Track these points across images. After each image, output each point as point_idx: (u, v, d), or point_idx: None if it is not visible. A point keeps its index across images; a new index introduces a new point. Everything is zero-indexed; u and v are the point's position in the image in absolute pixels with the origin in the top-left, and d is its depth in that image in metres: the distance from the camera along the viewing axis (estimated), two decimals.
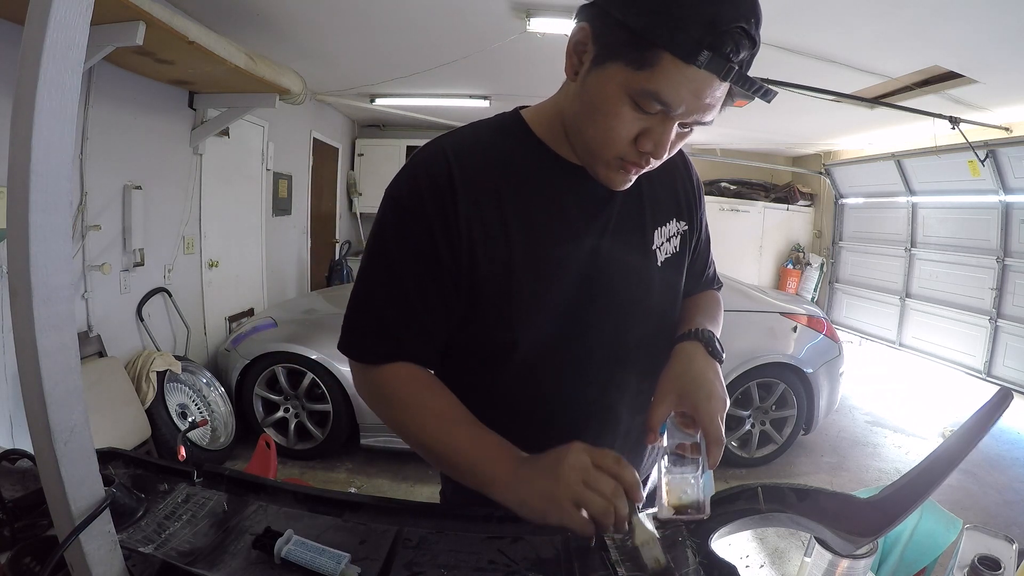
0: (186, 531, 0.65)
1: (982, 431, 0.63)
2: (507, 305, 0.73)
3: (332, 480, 3.00)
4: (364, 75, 4.37)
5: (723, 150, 7.21)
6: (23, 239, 0.44)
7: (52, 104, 0.43)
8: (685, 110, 0.61)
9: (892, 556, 1.24)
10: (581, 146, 0.71)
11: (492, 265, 0.71)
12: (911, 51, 3.20)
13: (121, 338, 2.88)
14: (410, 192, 0.72)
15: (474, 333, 0.76)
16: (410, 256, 0.72)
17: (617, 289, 0.78)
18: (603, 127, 0.65)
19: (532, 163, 0.75)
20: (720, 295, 0.99)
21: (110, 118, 2.70)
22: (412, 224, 0.71)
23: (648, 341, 0.82)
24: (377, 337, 0.74)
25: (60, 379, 0.47)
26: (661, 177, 0.83)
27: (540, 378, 0.77)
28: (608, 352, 0.78)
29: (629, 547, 0.66)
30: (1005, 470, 3.40)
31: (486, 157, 0.73)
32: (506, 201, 0.72)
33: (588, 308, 0.76)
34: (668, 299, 0.85)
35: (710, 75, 0.57)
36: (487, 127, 0.78)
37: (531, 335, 0.75)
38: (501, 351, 0.76)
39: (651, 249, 0.80)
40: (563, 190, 0.75)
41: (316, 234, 5.64)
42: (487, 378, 0.78)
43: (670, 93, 0.59)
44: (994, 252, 4.71)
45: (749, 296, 3.44)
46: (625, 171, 0.69)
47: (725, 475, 3.25)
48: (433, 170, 0.71)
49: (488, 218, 0.71)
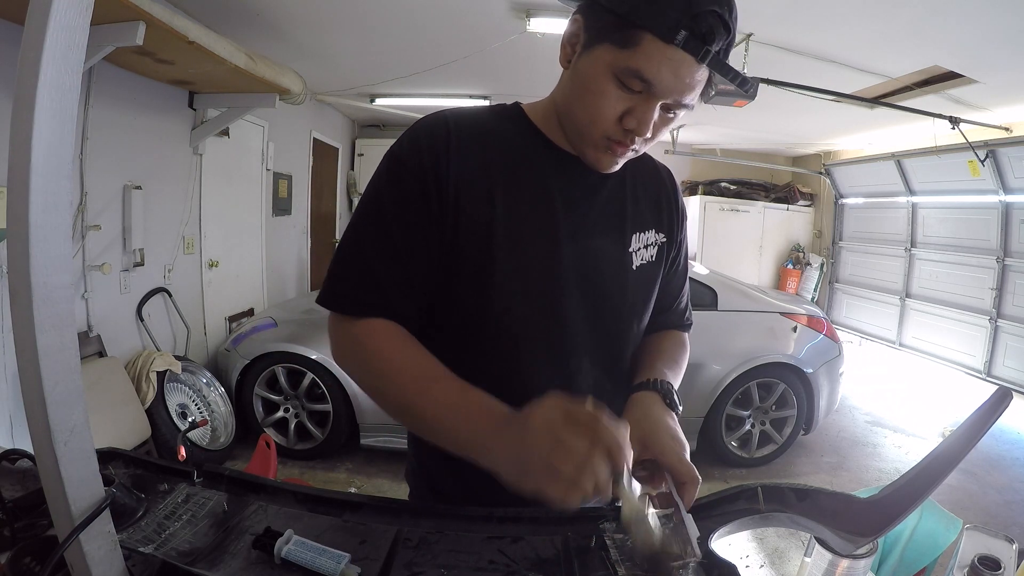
0: (186, 531, 0.65)
1: (981, 431, 0.63)
2: (484, 268, 0.74)
3: (332, 480, 3.00)
4: (364, 75, 4.37)
5: (723, 150, 7.21)
6: (23, 239, 0.44)
7: (52, 104, 0.43)
8: (665, 88, 0.65)
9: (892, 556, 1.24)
10: (572, 129, 0.75)
11: (474, 225, 0.74)
12: (911, 51, 3.20)
13: (121, 338, 2.88)
14: (409, 147, 0.75)
15: (450, 296, 0.77)
16: (401, 206, 0.73)
17: (592, 280, 0.79)
18: (591, 106, 0.70)
19: (525, 144, 0.79)
20: (687, 337, 0.96)
21: (110, 118, 2.70)
22: (407, 177, 0.74)
23: (619, 339, 0.84)
24: (362, 287, 0.73)
25: (60, 379, 0.47)
26: (646, 186, 0.87)
27: (509, 355, 0.77)
28: (578, 341, 0.79)
29: (629, 546, 0.65)
30: (1005, 470, 3.40)
31: (483, 131, 0.77)
32: (495, 171, 0.75)
33: (562, 292, 0.78)
34: (639, 304, 0.85)
35: (688, 56, 0.63)
36: (487, 109, 0.82)
37: (505, 303, 0.75)
38: (474, 318, 0.77)
39: (628, 251, 0.83)
40: (550, 173, 0.78)
41: (316, 234, 5.64)
42: (457, 350, 0.77)
43: (651, 70, 0.64)
44: (994, 252, 4.71)
45: (749, 296, 3.44)
46: (612, 152, 0.73)
47: (725, 475, 3.25)
48: (433, 130, 0.76)
49: (477, 182, 0.74)
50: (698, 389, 3.14)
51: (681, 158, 7.06)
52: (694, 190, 7.47)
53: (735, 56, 3.24)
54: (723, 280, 3.46)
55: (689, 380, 3.28)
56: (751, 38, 3.10)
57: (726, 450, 3.27)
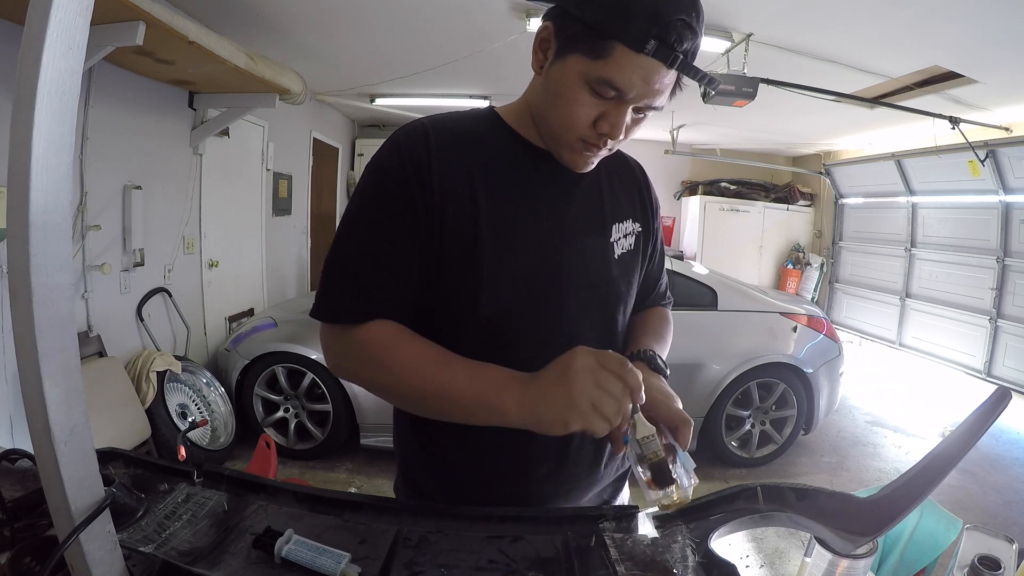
0: (186, 531, 0.65)
1: (980, 430, 0.63)
2: (470, 268, 0.75)
3: (332, 480, 3.00)
4: (364, 75, 4.37)
5: (723, 150, 7.21)
6: (23, 239, 0.44)
7: (52, 104, 0.43)
8: (636, 95, 0.68)
9: (892, 556, 1.24)
10: (547, 132, 0.78)
11: (460, 228, 0.75)
12: (911, 51, 3.20)
13: (121, 338, 2.88)
14: (391, 155, 0.76)
15: (437, 295, 0.78)
16: (387, 214, 0.74)
17: (577, 271, 0.81)
18: (565, 112, 0.72)
19: (503, 145, 0.80)
20: (669, 311, 1.05)
21: (110, 118, 2.70)
22: (390, 184, 0.74)
23: (604, 327, 0.86)
24: (353, 296, 0.74)
25: (60, 379, 0.47)
26: (622, 178, 0.91)
27: (498, 350, 0.78)
28: (566, 331, 0.81)
29: (629, 545, 0.66)
30: (1005, 470, 3.40)
31: (461, 135, 0.79)
32: (476, 172, 0.76)
33: (549, 284, 0.79)
34: (623, 292, 0.88)
35: (657, 63, 0.65)
36: (462, 115, 0.84)
37: (492, 301, 0.76)
38: (462, 317, 0.77)
39: (609, 241, 0.86)
40: (530, 171, 0.80)
41: (316, 234, 5.64)
42: (446, 345, 0.77)
43: (622, 79, 0.66)
44: (994, 252, 4.71)
45: (749, 296, 3.44)
46: (587, 153, 0.76)
47: (725, 475, 3.25)
48: (413, 136, 0.77)
49: (460, 185, 0.75)
50: (698, 389, 3.14)
51: (681, 158, 7.06)
52: (694, 190, 7.47)
53: (735, 57, 3.25)
54: (723, 280, 3.45)
55: (689, 380, 3.30)
56: (751, 38, 3.10)
57: (726, 450, 3.27)
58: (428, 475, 0.87)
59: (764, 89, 3.37)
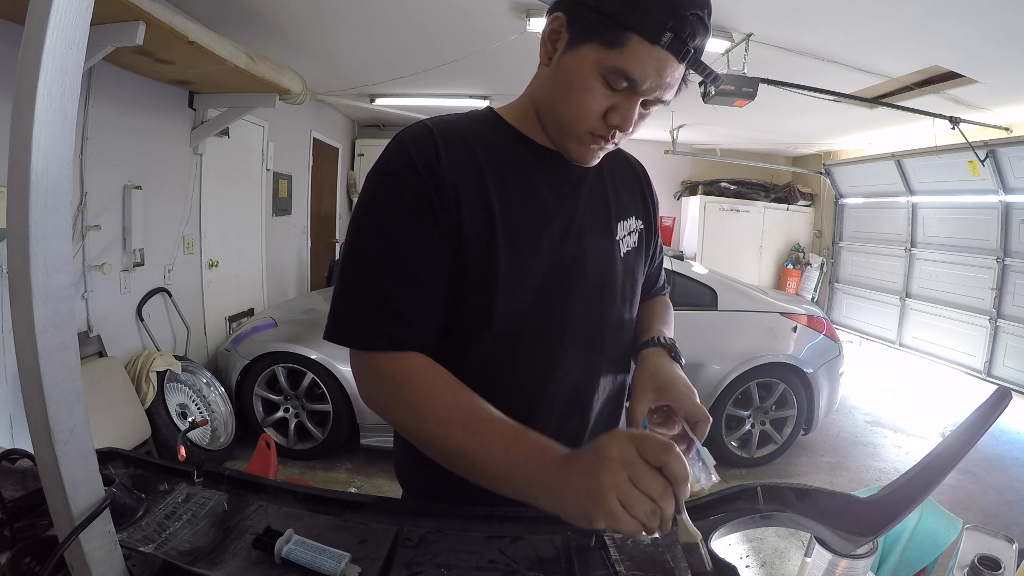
0: (186, 531, 0.65)
1: (980, 430, 0.63)
2: (488, 278, 0.74)
3: (332, 480, 3.00)
4: (364, 75, 4.37)
5: (723, 150, 7.21)
6: (23, 239, 0.44)
7: (52, 104, 0.43)
8: (649, 86, 0.68)
9: (892, 556, 1.24)
10: (554, 124, 0.76)
11: (476, 228, 0.73)
12: (911, 51, 3.20)
13: (121, 338, 2.88)
14: (399, 158, 0.72)
15: (455, 300, 0.75)
16: (405, 222, 0.70)
17: (587, 271, 0.81)
18: (576, 102, 0.71)
19: (507, 144, 0.79)
20: (667, 297, 1.08)
21: (110, 118, 2.70)
22: (403, 190, 0.71)
23: (615, 326, 0.86)
24: (382, 318, 0.69)
25: (60, 379, 0.47)
26: (623, 175, 0.92)
27: (510, 357, 0.78)
28: (578, 333, 0.80)
29: (629, 546, 0.66)
30: (1005, 470, 3.40)
31: (465, 135, 0.77)
32: (486, 173, 0.75)
33: (560, 287, 0.79)
34: (630, 289, 0.89)
35: (670, 56, 0.65)
36: (461, 116, 0.82)
37: (507, 309, 0.75)
38: (475, 327, 0.76)
39: (615, 239, 0.86)
40: (535, 171, 0.79)
41: (316, 234, 5.64)
42: (457, 356, 0.76)
43: (637, 70, 0.66)
44: (994, 252, 4.71)
45: (749, 296, 3.44)
46: (595, 146, 0.75)
47: (725, 475, 3.25)
48: (418, 137, 0.74)
49: (471, 184, 0.73)
50: (698, 389, 3.08)
51: (681, 158, 7.06)
52: (694, 190, 7.47)
53: (735, 57, 3.25)
54: (723, 280, 3.45)
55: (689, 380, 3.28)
56: (751, 38, 3.10)
57: (726, 450, 3.27)
58: (427, 476, 0.86)
59: (764, 89, 3.37)
